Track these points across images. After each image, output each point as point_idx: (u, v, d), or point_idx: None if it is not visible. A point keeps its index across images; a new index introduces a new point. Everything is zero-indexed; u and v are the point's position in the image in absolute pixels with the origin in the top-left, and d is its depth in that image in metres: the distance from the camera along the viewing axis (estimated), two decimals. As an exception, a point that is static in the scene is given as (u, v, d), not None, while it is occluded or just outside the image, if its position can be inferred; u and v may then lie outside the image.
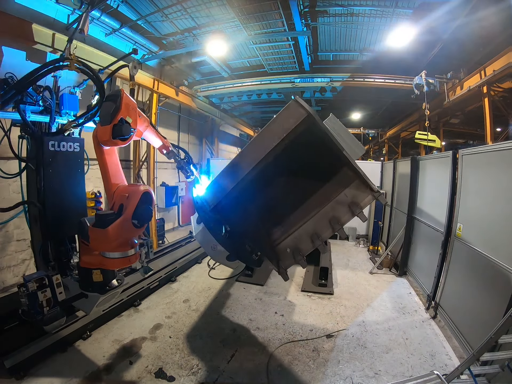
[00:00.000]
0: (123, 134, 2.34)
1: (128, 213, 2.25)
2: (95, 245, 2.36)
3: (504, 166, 2.93)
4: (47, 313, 2.50)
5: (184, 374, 2.97)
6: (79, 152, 3.22)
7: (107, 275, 2.63)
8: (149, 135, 2.94)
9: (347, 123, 12.22)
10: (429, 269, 4.53)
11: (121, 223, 2.25)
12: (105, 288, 2.66)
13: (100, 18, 5.73)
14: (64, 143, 3.03)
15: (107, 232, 2.22)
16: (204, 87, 9.57)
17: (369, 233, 8.19)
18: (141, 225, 2.36)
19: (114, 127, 2.29)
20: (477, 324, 3.11)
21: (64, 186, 3.09)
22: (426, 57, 7.32)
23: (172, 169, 10.06)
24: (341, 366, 3.15)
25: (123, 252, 2.38)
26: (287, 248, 2.71)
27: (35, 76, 2.44)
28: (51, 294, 2.54)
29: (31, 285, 2.44)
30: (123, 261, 2.44)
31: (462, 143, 13.62)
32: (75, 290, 2.80)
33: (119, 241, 2.30)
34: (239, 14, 6.09)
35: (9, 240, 4.81)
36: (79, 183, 3.28)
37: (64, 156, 3.04)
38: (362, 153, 3.33)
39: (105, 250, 2.35)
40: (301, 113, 2.07)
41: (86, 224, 2.48)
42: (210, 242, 2.52)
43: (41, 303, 2.47)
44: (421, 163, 5.52)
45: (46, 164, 2.87)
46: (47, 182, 2.90)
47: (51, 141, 2.89)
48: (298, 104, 2.09)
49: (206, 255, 6.42)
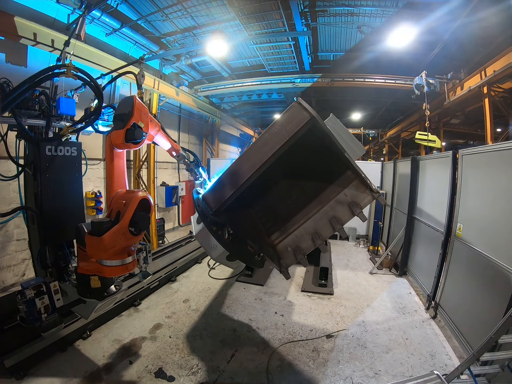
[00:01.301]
0: (136, 138, 2.40)
1: (125, 220, 2.20)
2: (91, 253, 2.32)
3: (504, 166, 2.93)
4: (45, 320, 2.50)
5: (184, 374, 2.97)
6: (77, 156, 3.21)
7: (105, 282, 2.59)
8: (160, 139, 2.97)
9: (347, 123, 12.24)
10: (429, 269, 4.53)
11: (117, 231, 2.19)
12: (103, 294, 2.63)
13: (101, 18, 5.74)
14: (61, 148, 3.02)
15: (102, 240, 2.15)
16: (204, 87, 9.57)
17: (369, 233, 8.18)
18: (138, 233, 2.30)
19: (127, 131, 2.35)
20: (477, 324, 3.11)
21: (62, 191, 3.08)
22: (426, 58, 7.32)
23: (172, 169, 10.07)
24: (341, 366, 3.15)
25: (120, 260, 2.33)
26: (287, 247, 2.71)
27: (32, 83, 2.45)
28: (48, 301, 2.53)
29: (29, 292, 2.43)
30: (120, 269, 2.38)
31: (462, 144, 13.62)
32: (74, 295, 2.77)
33: (115, 249, 2.24)
34: (239, 14, 6.09)
35: (9, 240, 4.81)
36: (77, 187, 3.27)
37: (61, 160, 3.03)
38: (362, 153, 3.33)
39: (101, 258, 2.30)
40: (305, 115, 2.04)
41: (83, 230, 2.46)
42: (210, 242, 2.52)
43: (39, 310, 2.46)
44: (421, 163, 5.52)
45: (43, 169, 2.86)
46: (44, 186, 2.89)
47: (48, 146, 2.88)
48: (301, 106, 2.06)
49: (206, 255, 6.43)
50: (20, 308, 2.49)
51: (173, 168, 10.08)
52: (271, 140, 2.15)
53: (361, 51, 7.62)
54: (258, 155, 2.18)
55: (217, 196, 2.40)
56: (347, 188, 2.55)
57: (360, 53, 7.70)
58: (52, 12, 5.38)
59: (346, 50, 7.80)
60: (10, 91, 2.51)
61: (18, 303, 2.48)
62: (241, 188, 2.25)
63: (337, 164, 2.54)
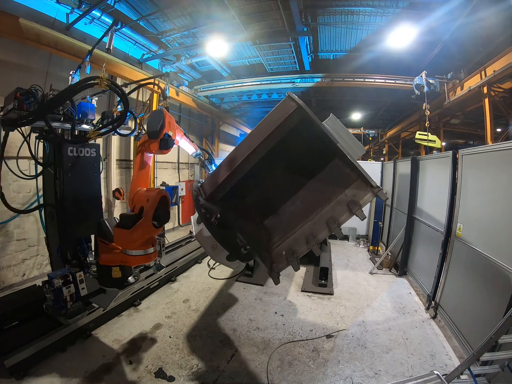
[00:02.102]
0: (169, 146, 2.79)
1: (149, 215, 2.50)
2: (120, 244, 2.62)
3: (504, 166, 2.93)
4: (70, 308, 2.81)
5: (184, 374, 2.97)
6: (95, 157, 3.47)
7: (125, 272, 2.90)
8: (184, 143, 3.39)
9: (347, 123, 12.23)
10: (429, 269, 4.53)
11: (144, 224, 2.50)
12: (123, 283, 2.94)
13: (101, 18, 5.74)
14: (81, 149, 3.28)
15: (132, 232, 2.48)
16: (204, 87, 9.57)
17: (369, 233, 8.19)
18: (160, 226, 2.60)
19: (161, 141, 2.73)
20: (477, 324, 3.11)
21: (82, 189, 3.33)
22: (426, 58, 7.33)
23: (172, 169, 10.06)
24: (341, 366, 3.15)
25: (144, 250, 2.63)
26: (282, 251, 2.67)
27: (70, 92, 2.74)
28: (74, 290, 2.85)
29: (57, 281, 2.73)
30: (144, 258, 2.68)
31: (462, 144, 13.62)
32: (93, 287, 3.03)
33: (141, 240, 2.56)
34: (239, 13, 6.09)
35: (9, 240, 4.81)
36: (96, 185, 3.54)
37: (82, 161, 3.30)
38: (363, 153, 3.33)
39: (130, 248, 2.59)
40: (292, 105, 2.16)
41: (106, 225, 2.80)
42: (210, 242, 2.51)
43: (65, 298, 2.77)
44: (421, 163, 5.52)
45: (65, 169, 3.12)
46: (66, 185, 3.14)
47: (70, 147, 3.15)
48: (290, 98, 2.20)
49: (206, 255, 6.43)
50: (47, 297, 2.80)
51: (173, 168, 10.08)
52: (262, 129, 2.27)
53: (361, 51, 7.63)
54: (251, 142, 2.30)
55: (212, 182, 2.50)
56: (348, 189, 2.52)
57: (360, 53, 7.70)
58: (52, 12, 5.38)
59: (346, 50, 7.80)
60: (53, 98, 2.79)
61: (46, 292, 2.80)
62: (232, 176, 2.33)
63: (337, 164, 2.53)
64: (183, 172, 10.68)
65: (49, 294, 2.78)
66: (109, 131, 3.17)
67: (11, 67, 4.73)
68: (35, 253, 5.22)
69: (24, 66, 4.95)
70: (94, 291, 3.07)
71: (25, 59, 4.95)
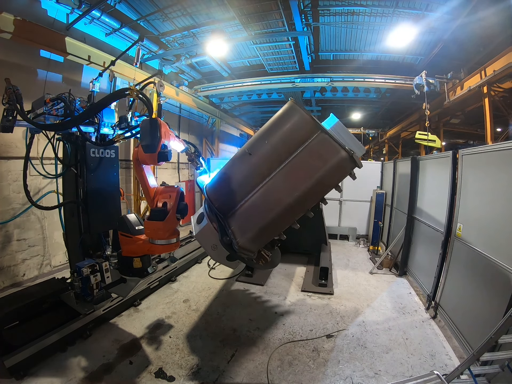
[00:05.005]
0: (167, 159, 2.82)
1: (174, 208, 2.78)
2: (152, 235, 2.83)
3: (504, 166, 2.93)
4: (96, 295, 3.09)
5: (184, 374, 2.97)
6: (115, 158, 3.77)
7: (145, 262, 3.12)
8: (174, 144, 3.35)
9: (347, 123, 12.24)
10: (429, 269, 4.53)
11: (172, 216, 2.77)
12: (143, 273, 3.16)
13: (101, 18, 5.74)
14: (102, 150, 3.56)
15: (165, 223, 2.74)
16: (204, 87, 9.56)
17: (369, 233, 8.18)
18: (182, 218, 2.84)
19: (159, 154, 2.75)
20: (477, 324, 3.11)
21: (103, 187, 3.61)
22: (426, 57, 7.33)
23: (172, 169, 10.07)
24: (341, 366, 3.15)
25: (171, 239, 2.87)
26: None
27: (108, 101, 2.92)
28: (100, 278, 3.10)
29: (85, 270, 2.98)
30: (170, 247, 2.92)
31: (462, 143, 13.61)
32: (112, 278, 3.26)
33: (170, 231, 2.83)
34: (239, 14, 6.09)
35: (9, 240, 4.81)
36: (115, 184, 3.82)
37: (103, 161, 3.58)
38: (363, 153, 3.32)
39: (162, 238, 2.82)
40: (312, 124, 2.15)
41: (128, 220, 3.06)
42: (210, 242, 2.52)
43: (92, 286, 3.03)
44: (421, 163, 5.51)
45: (88, 168, 3.40)
46: (89, 183, 3.43)
47: (92, 149, 3.42)
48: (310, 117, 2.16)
49: (206, 255, 6.44)
50: (76, 285, 3.07)
51: (173, 168, 10.09)
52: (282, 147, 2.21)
53: (361, 51, 7.63)
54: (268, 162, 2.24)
55: (224, 199, 2.45)
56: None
57: (360, 53, 7.70)
58: (52, 12, 5.38)
59: (346, 50, 7.80)
60: (92, 107, 3.07)
61: (74, 280, 3.09)
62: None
63: None
64: (183, 172, 10.68)
65: (77, 282, 3.02)
66: (132, 135, 3.45)
67: (10, 67, 4.74)
68: (35, 253, 5.23)
69: (24, 66, 4.95)
70: (113, 282, 3.28)
71: (25, 59, 4.95)
